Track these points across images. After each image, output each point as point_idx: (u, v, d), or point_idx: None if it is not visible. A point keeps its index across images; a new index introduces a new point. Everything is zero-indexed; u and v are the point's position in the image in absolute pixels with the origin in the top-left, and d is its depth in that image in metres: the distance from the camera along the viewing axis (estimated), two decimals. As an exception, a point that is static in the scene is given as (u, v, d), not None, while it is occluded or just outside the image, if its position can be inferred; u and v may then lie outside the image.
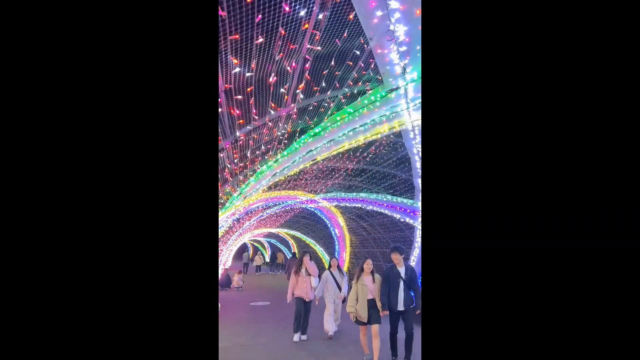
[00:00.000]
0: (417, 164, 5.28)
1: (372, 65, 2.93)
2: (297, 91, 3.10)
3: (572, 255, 0.99)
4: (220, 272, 10.87)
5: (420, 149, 4.80)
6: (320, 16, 2.21)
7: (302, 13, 2.14)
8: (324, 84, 3.14)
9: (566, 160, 1.00)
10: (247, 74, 2.60)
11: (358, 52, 2.73)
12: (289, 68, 2.74)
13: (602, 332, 0.95)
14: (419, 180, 5.70)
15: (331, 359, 4.30)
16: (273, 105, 3.26)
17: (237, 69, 2.45)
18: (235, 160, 4.67)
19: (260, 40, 2.23)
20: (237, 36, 2.10)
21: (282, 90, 3.03)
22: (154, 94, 1.14)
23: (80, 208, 1.08)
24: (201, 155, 1.17)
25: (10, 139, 1.03)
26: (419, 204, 6.27)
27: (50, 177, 1.06)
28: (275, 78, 2.80)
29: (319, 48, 2.52)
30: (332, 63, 2.81)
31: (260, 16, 2.06)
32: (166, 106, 1.15)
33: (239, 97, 2.87)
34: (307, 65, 2.74)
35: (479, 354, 1.05)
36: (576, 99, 1.00)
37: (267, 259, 23.65)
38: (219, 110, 2.94)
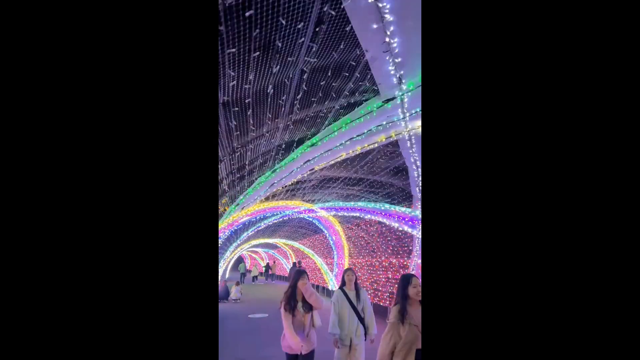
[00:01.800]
0: (415, 173, 5.30)
1: (369, 76, 2.96)
2: (294, 102, 3.12)
3: (573, 257, 0.99)
4: (219, 284, 10.74)
5: (417, 158, 4.83)
6: (317, 29, 2.24)
7: (300, 26, 2.17)
8: (320, 95, 3.16)
9: (568, 165, 1.00)
10: (245, 86, 2.61)
11: (354, 64, 2.76)
12: (286, 80, 2.76)
13: (602, 332, 0.94)
14: (417, 189, 5.72)
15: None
16: (270, 116, 3.27)
17: (234, 82, 2.47)
18: (233, 171, 4.66)
19: (257, 53, 2.25)
20: (234, 49, 2.12)
21: (279, 101, 3.05)
22: (154, 103, 1.13)
23: (78, 217, 1.06)
24: (201, 165, 1.17)
25: (8, 138, 1.02)
26: (418, 212, 6.27)
27: (44, 184, 1.05)
28: (272, 90, 2.82)
29: (315, 60, 2.55)
30: (329, 74, 2.83)
31: (257, 30, 2.08)
32: (166, 116, 1.14)
33: (236, 108, 2.88)
34: (304, 77, 2.77)
35: (479, 356, 1.04)
36: (581, 104, 1.00)
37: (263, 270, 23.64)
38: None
